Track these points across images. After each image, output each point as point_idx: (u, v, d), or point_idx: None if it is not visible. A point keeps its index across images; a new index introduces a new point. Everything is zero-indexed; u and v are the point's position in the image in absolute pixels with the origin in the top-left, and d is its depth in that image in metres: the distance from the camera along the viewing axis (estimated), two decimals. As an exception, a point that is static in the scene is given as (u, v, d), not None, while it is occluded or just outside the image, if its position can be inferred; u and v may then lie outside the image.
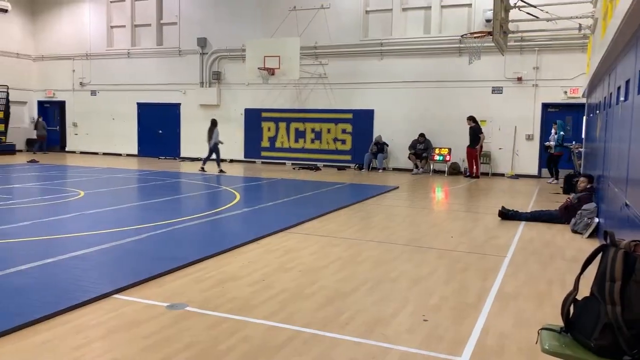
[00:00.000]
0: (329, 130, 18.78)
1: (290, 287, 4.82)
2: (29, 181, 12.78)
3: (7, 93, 21.90)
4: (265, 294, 4.61)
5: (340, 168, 18.28)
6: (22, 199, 9.69)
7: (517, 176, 16.05)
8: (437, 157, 17.06)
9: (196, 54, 20.42)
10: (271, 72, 17.48)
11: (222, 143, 16.47)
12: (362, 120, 18.21)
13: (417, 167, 17.01)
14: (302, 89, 19.04)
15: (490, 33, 12.13)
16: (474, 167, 15.92)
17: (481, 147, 15.97)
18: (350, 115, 18.44)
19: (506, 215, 8.70)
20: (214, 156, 16.29)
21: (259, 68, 17.54)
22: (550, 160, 14.77)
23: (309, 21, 18.40)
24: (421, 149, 17.06)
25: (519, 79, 16.20)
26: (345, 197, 11.18)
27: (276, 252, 6.15)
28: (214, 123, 16.42)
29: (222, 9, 19.91)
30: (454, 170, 16.66)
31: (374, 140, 17.79)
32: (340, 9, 18.24)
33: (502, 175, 16.50)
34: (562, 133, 14.25)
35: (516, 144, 16.42)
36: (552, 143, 14.38)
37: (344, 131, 18.60)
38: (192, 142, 21.02)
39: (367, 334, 3.78)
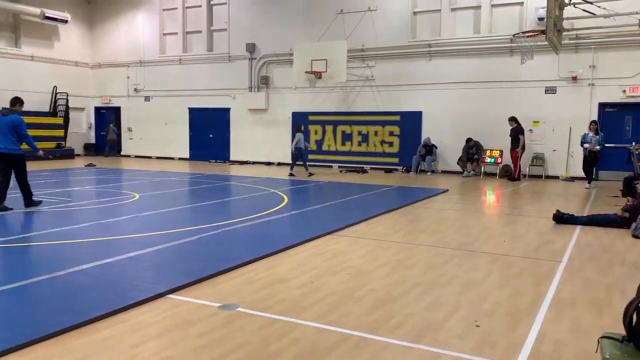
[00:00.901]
0: (376, 133, 18.71)
1: (340, 289, 4.83)
2: (88, 184, 13.33)
3: (67, 100, 22.94)
4: (314, 296, 4.64)
5: (387, 171, 18.16)
6: (81, 201, 10.11)
7: (573, 179, 15.49)
8: (488, 160, 16.69)
9: (245, 59, 20.78)
10: (318, 75, 17.57)
11: (306, 147, 16.32)
12: (410, 122, 18.04)
13: (466, 170, 16.71)
14: (349, 92, 19.05)
15: (543, 32, 11.79)
16: (516, 168, 15.47)
17: (523, 148, 15.45)
18: (397, 118, 18.30)
19: (561, 218, 8.41)
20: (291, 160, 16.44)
21: (306, 72, 17.66)
22: (589, 162, 13.72)
23: (356, 24, 18.41)
24: (473, 153, 16.74)
25: (574, 78, 15.65)
26: (393, 200, 11.10)
27: (324, 254, 6.17)
28: (297, 128, 16.34)
29: (270, 14, 20.19)
30: (506, 173, 16.24)
31: (422, 142, 17.59)
32: (387, 11, 18.15)
33: (557, 177, 15.97)
34: (602, 133, 13.59)
35: (571, 146, 15.86)
36: (595, 145, 13.46)
37: (391, 133, 18.47)
38: (241, 145, 21.40)
39: (417, 338, 3.74)
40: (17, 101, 9.04)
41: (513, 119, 15.58)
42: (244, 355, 3.42)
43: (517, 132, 15.42)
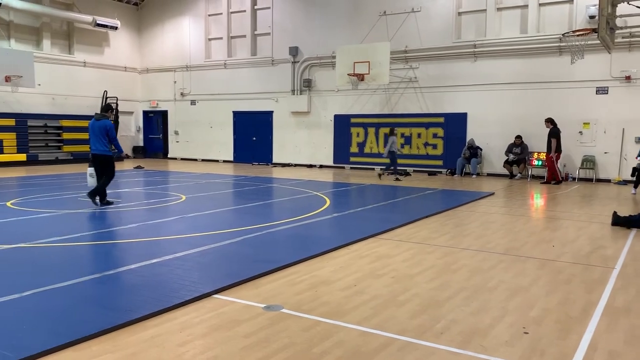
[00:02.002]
0: (419, 135, 18.52)
1: (383, 293, 4.80)
2: (136, 186, 13.72)
3: (117, 104, 23.69)
4: (357, 299, 4.62)
5: (431, 173, 17.94)
6: (130, 203, 10.42)
7: (625, 182, 14.90)
8: (535, 162, 16.25)
9: (288, 63, 20.96)
10: (361, 77, 17.56)
11: (400, 152, 15.99)
12: (455, 124, 17.78)
13: (512, 175, 16.35)
14: (392, 94, 18.93)
15: (595, 30, 11.39)
16: (555, 172, 14.95)
17: (555, 151, 14.87)
18: (441, 119, 18.07)
19: (623, 221, 8.04)
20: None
21: (348, 74, 17.69)
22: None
23: (399, 25, 18.29)
24: (517, 153, 16.35)
25: (628, 78, 15.06)
26: (437, 204, 10.96)
27: (367, 257, 6.14)
28: (390, 131, 15.97)
29: (313, 17, 20.30)
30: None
31: (466, 144, 17.30)
32: (431, 12, 17.96)
33: (608, 181, 15.40)
34: None
35: (624, 148, 15.27)
36: None
37: (435, 135, 18.25)
38: (283, 148, 21.59)
39: (463, 344, 3.68)
40: (108, 108, 10.11)
41: (549, 121, 15.11)
42: (289, 356, 3.44)
43: (549, 135, 14.96)
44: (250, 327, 3.93)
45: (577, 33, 13.51)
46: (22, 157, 19.79)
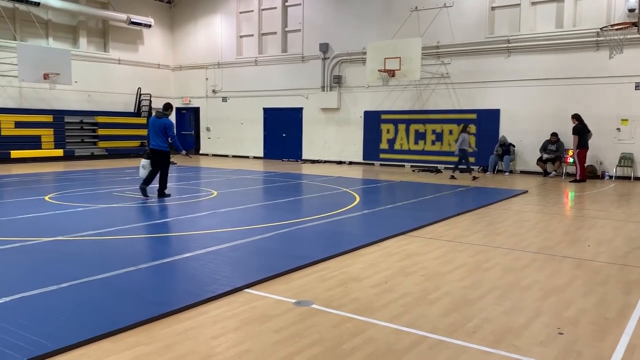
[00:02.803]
0: (451, 132, 18.30)
1: (414, 291, 4.77)
2: (169, 181, 13.92)
3: (150, 101, 24.14)
4: (388, 296, 4.61)
5: (463, 171, 17.69)
6: (162, 198, 10.58)
7: (666, 180, 14.44)
8: (570, 160, 15.88)
9: (318, 59, 20.97)
10: (391, 73, 17.45)
11: (472, 150, 15.33)
12: (487, 120, 17.51)
13: (546, 172, 16.02)
14: (423, 90, 18.75)
15: (634, 24, 11.06)
16: (581, 169, 14.55)
17: (579, 148, 14.43)
18: (474, 116, 17.81)
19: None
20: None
21: (379, 70, 17.60)
22: None
23: (431, 21, 18.09)
24: (553, 150, 16.01)
25: (669, 73, 14.57)
26: (468, 201, 10.82)
27: (397, 255, 6.11)
28: (462, 128, 15.16)
29: (343, 13, 20.25)
30: (591, 174, 15.39)
31: (498, 141, 17.02)
32: (463, 7, 17.71)
33: (647, 179, 14.95)
34: None
35: (665, 145, 14.79)
36: None
37: (466, 132, 17.99)
38: (313, 144, 21.63)
39: (496, 343, 3.63)
40: (168, 107, 10.48)
41: (574, 117, 14.70)
42: (319, 351, 3.46)
43: (574, 131, 14.54)
44: (281, 322, 3.96)
45: (616, 27, 13.16)
46: (59, 152, 20.34)
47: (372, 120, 19.95)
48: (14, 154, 18.87)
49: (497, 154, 16.93)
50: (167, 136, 10.15)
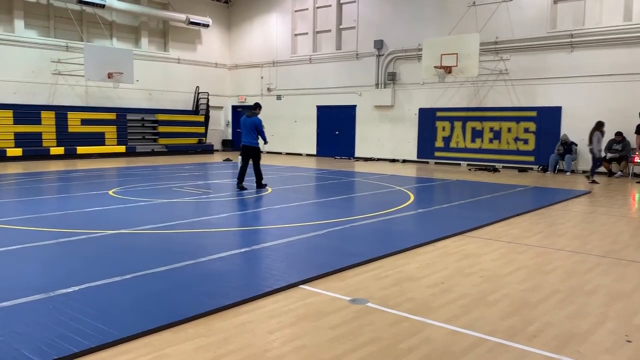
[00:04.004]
0: (509, 130, 17.78)
1: (472, 292, 4.67)
2: (225, 177, 14.25)
3: (207, 99, 24.73)
4: (445, 297, 4.53)
5: (521, 170, 17.19)
6: (220, 193, 10.85)
7: None
8: (637, 160, 15.10)
9: (372, 56, 20.86)
10: (448, 70, 17.13)
11: (617, 152, 14.41)
12: (548, 118, 16.91)
13: (611, 172, 15.29)
14: (480, 87, 18.31)
15: None
16: None
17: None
18: (534, 113, 17.23)
19: None
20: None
21: (435, 67, 17.32)
22: None
23: (490, 16, 17.63)
24: (618, 150, 15.28)
25: None
26: (528, 201, 10.49)
27: (454, 255, 6.00)
28: (597, 125, 13.68)
29: (399, 10, 20.04)
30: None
31: (560, 139, 16.40)
32: (524, 1, 17.15)
33: None
34: None
35: None
36: None
37: (526, 130, 17.44)
38: (366, 142, 21.54)
39: (558, 349, 3.50)
40: (257, 106, 11.53)
41: None
42: (375, 350, 3.44)
43: (636, 130, 13.73)
44: (336, 319, 3.97)
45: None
46: (122, 148, 21.17)
47: (427, 118, 19.66)
48: (80, 149, 19.79)
49: (559, 153, 16.33)
50: (258, 133, 11.08)
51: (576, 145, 16.25)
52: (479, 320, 3.99)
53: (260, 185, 11.40)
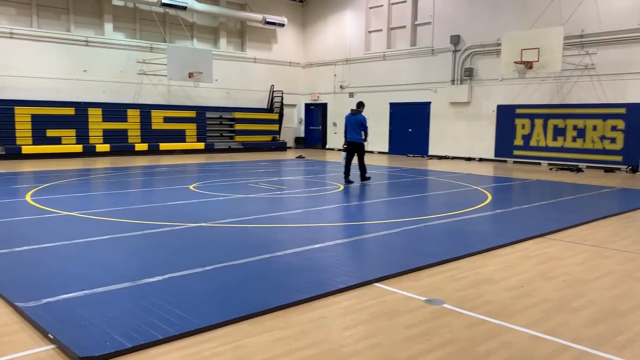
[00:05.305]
0: (594, 127, 16.81)
1: (554, 297, 4.47)
2: (298, 174, 14.47)
3: (282, 97, 25.17)
4: (525, 301, 4.37)
5: (607, 170, 16.21)
6: (293, 189, 11.03)
7: None
8: None
9: (448, 52, 20.39)
10: (529, 65, 16.45)
11: None
12: (639, 115, 15.82)
13: None
14: (564, 82, 17.43)
15: None
16: None
17: None
18: (622, 110, 16.18)
19: None
20: None
21: (515, 62, 16.68)
22: None
23: (575, 8, 16.73)
24: None
25: None
26: (615, 203, 9.89)
27: (535, 258, 5.77)
28: None
29: (477, 3, 19.46)
30: None
31: (653, 138, 15.32)
32: (614, -9, 16.14)
33: None
34: None
35: None
36: None
37: (614, 128, 16.41)
38: (440, 140, 21.11)
39: (652, 362, 3.29)
40: (361, 104, 12.10)
41: None
42: (452, 351, 3.38)
43: None
44: (411, 318, 3.93)
45: None
46: (201, 145, 21.99)
47: (506, 115, 18.97)
48: (162, 146, 20.75)
49: (651, 153, 15.26)
50: (363, 129, 11.72)
51: (671, 144, 15.13)
52: (562, 327, 3.81)
53: (365, 179, 12.03)
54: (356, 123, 11.75)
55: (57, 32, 19.10)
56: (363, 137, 11.84)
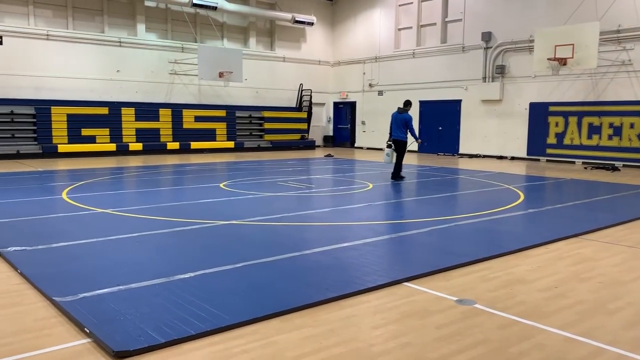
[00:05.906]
0: (632, 125, 16.34)
1: (589, 298, 4.37)
2: (326, 173, 14.48)
3: (311, 96, 25.22)
4: (558, 302, 4.28)
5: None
6: (322, 188, 11.04)
7: None
8: None
9: (479, 49, 20.11)
10: (562, 62, 16.09)
11: None
12: (679, 112, 15.33)
13: None
14: (599, 79, 16.99)
15: None
16: None
17: None
18: (661, 107, 15.70)
19: None
20: None
21: (548, 59, 16.34)
22: None
23: (611, 3, 16.28)
24: None
25: None
26: (653, 203, 9.59)
27: (569, 259, 5.64)
28: None
29: (509, 0, 19.11)
30: None
31: (694, 136, 14.81)
32: (653, -16, 15.65)
33: None
34: None
35: None
36: None
37: (652, 126, 15.94)
38: (471, 138, 20.83)
39: (693, 367, 3.18)
40: (408, 103, 12.19)
41: None
42: (484, 352, 3.34)
43: None
44: (442, 318, 3.89)
45: None
46: (231, 144, 22.21)
47: (539, 113, 18.60)
48: (193, 145, 21.04)
49: (691, 151, 14.75)
50: (407, 128, 11.85)
51: None
52: (598, 329, 3.72)
53: (399, 177, 12.13)
54: (402, 121, 11.92)
55: (91, 33, 19.55)
56: (408, 135, 11.98)
